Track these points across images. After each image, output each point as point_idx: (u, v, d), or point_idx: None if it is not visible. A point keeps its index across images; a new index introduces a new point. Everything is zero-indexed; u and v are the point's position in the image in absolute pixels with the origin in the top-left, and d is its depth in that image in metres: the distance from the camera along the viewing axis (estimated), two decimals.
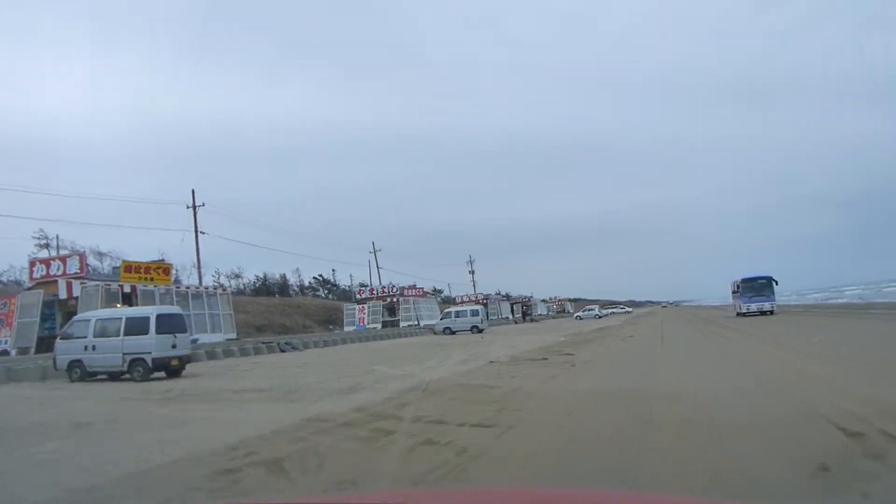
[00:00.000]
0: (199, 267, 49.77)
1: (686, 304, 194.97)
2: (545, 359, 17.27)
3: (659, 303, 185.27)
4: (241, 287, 76.52)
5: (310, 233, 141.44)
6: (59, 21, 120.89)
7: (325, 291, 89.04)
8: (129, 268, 26.70)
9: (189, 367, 21.13)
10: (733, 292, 44.65)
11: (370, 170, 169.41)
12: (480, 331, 42.55)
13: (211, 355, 25.70)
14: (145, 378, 16.97)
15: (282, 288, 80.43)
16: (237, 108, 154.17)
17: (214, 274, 70.86)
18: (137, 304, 24.99)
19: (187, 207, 49.11)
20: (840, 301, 68.77)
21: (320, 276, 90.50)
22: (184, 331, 18.35)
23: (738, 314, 40.81)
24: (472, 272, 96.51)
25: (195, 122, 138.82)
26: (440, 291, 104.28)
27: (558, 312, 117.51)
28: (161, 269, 27.71)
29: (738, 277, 41.09)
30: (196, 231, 48.64)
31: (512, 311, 78.11)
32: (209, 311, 30.94)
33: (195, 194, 48.99)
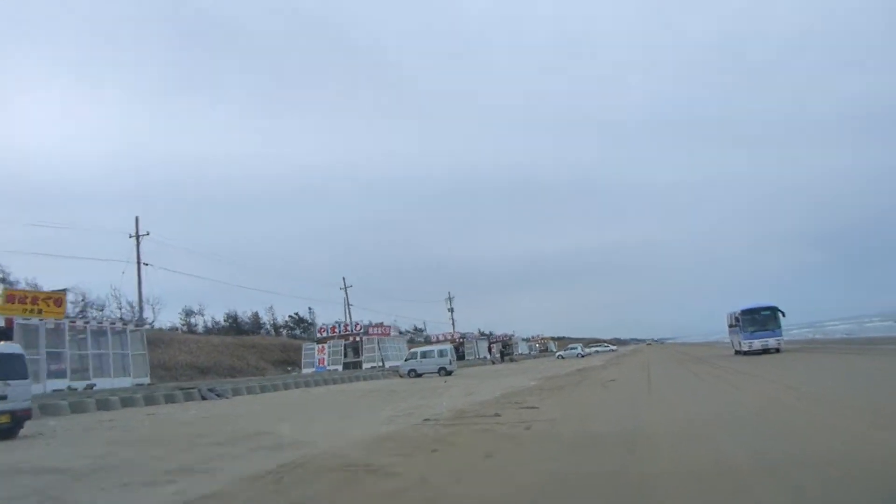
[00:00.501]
0: (140, 300, 45.17)
1: (670, 341, 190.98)
2: (498, 415, 13.00)
3: (643, 340, 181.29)
4: (210, 325, 71.46)
5: (290, 271, 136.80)
6: (38, 52, 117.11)
7: (300, 331, 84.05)
8: (12, 297, 22.00)
9: (51, 422, 16.68)
10: (730, 326, 38.00)
11: (353, 208, 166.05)
12: (449, 373, 38.08)
13: (104, 405, 21.10)
14: None
15: (253, 327, 75.53)
16: (220, 147, 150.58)
17: (181, 312, 66.15)
18: (12, 341, 20.35)
19: (130, 237, 44.88)
20: (834, 336, 65.17)
21: (296, 314, 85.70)
22: (22, 377, 13.84)
23: (738, 352, 34.83)
24: (451, 310, 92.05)
25: (174, 159, 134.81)
26: (421, 330, 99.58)
27: (541, 351, 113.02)
28: (52, 299, 22.99)
29: (737, 308, 35.23)
30: (139, 262, 44.24)
31: (489, 350, 73.37)
32: (116, 351, 26.15)
33: (139, 222, 44.85)
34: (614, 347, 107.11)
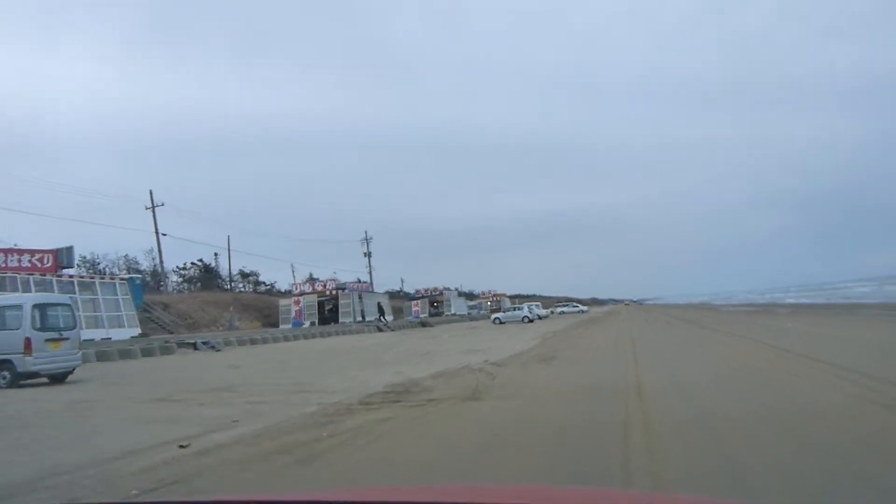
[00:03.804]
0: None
1: (649, 302, 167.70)
2: None
3: (621, 301, 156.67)
4: None
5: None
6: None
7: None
8: None
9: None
10: None
11: (322, 162, 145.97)
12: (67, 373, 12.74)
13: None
14: None
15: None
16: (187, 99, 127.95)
17: None
18: None
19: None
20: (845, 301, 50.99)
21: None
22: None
23: None
24: (368, 254, 65.71)
25: (146, 115, 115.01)
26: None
27: (492, 311, 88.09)
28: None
29: None
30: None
31: (361, 311, 46.72)
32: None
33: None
34: (585, 308, 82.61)
